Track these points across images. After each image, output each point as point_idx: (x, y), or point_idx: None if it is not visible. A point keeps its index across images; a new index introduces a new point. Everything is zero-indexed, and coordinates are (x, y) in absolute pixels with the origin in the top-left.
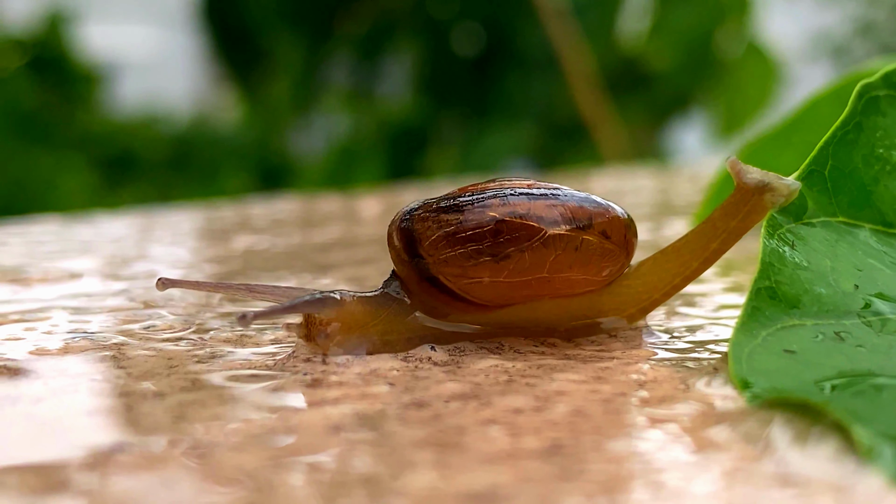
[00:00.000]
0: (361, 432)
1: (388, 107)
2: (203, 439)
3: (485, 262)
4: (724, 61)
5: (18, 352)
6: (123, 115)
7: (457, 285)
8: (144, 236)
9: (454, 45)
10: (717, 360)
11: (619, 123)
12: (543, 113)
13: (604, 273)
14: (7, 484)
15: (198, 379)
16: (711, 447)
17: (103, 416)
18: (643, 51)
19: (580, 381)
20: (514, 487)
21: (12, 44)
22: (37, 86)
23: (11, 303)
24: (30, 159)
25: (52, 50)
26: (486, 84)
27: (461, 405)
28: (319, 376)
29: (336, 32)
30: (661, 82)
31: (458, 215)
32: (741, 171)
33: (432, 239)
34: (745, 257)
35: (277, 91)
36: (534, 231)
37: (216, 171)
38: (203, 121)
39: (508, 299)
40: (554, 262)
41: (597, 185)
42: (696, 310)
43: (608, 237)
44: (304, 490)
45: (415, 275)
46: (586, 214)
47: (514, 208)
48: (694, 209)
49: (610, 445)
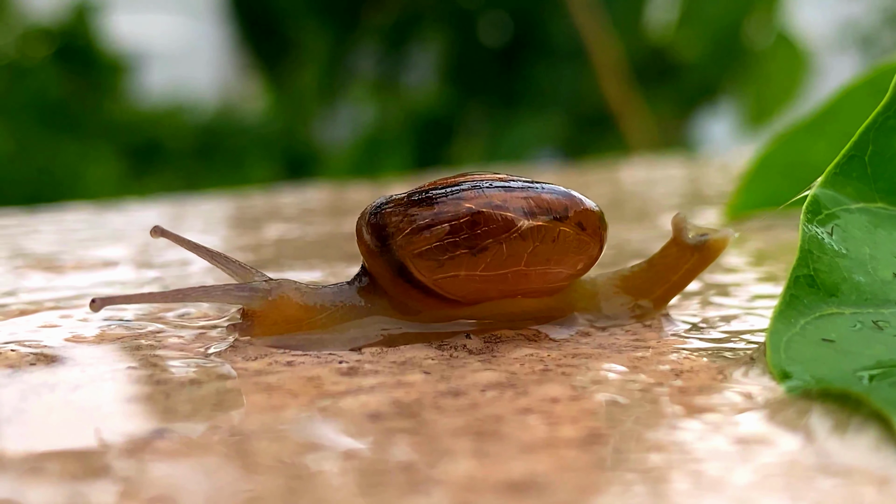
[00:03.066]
0: (399, 420)
1: (414, 97)
2: (240, 427)
3: (461, 254)
4: (753, 51)
5: (55, 339)
6: (150, 104)
7: (431, 280)
8: (176, 224)
9: (481, 34)
10: (753, 349)
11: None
12: (571, 103)
13: (578, 266)
14: (48, 470)
15: (234, 367)
16: (751, 437)
17: (141, 404)
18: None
19: (616, 371)
20: (553, 476)
21: (40, 33)
22: (64, 75)
23: (46, 290)
24: (57, 148)
25: (79, 39)
26: (513, 74)
27: (497, 394)
28: (355, 364)
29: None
30: (690, 72)
31: (433, 208)
32: (683, 231)
33: (406, 232)
34: (778, 246)
35: (304, 80)
36: (511, 222)
37: (242, 161)
38: (229, 110)
39: (482, 294)
40: (532, 254)
41: (626, 174)
42: (731, 299)
43: (584, 228)
44: (343, 478)
45: (387, 270)
46: (562, 206)
47: (491, 199)
48: (725, 199)
49: (649, 435)
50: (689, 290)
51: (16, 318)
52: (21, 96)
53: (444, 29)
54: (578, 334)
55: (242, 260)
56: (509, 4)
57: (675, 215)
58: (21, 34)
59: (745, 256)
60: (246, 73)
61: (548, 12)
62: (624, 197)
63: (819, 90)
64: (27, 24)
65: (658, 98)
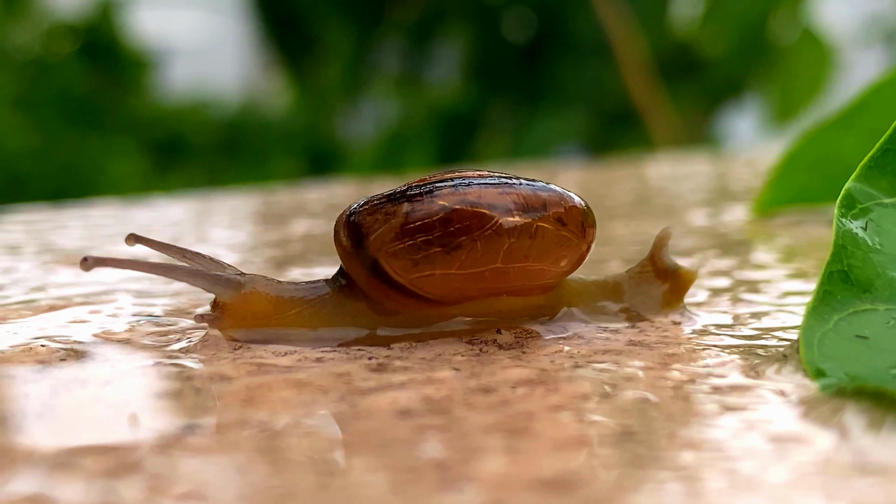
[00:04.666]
0: (429, 417)
1: (438, 93)
2: (270, 423)
3: (435, 253)
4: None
5: (84, 335)
6: (174, 100)
7: (407, 279)
8: (202, 220)
9: (505, 30)
10: (785, 346)
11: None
12: (595, 99)
13: (562, 263)
14: (81, 465)
15: (263, 363)
16: (786, 435)
17: (171, 399)
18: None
19: (647, 368)
20: (587, 474)
21: (65, 30)
22: (88, 71)
23: (75, 286)
24: (81, 144)
25: (103, 35)
26: (537, 70)
27: (528, 391)
28: (384, 360)
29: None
30: (715, 68)
31: (406, 206)
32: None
33: (379, 232)
34: (808, 243)
35: (327, 76)
36: (486, 219)
37: (265, 156)
38: (252, 106)
39: (463, 294)
40: (508, 251)
41: (651, 170)
42: (761, 296)
43: (564, 224)
44: (374, 475)
45: (363, 270)
46: (540, 201)
47: (465, 196)
48: (753, 195)
49: (682, 433)
50: (719, 286)
51: (45, 314)
52: (46, 92)
53: (468, 25)
54: (609, 331)
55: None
56: (533, 0)
57: (662, 229)
58: (46, 31)
59: (775, 253)
60: (269, 69)
61: (572, 8)
62: (650, 193)
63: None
64: (52, 21)
65: (682, 94)
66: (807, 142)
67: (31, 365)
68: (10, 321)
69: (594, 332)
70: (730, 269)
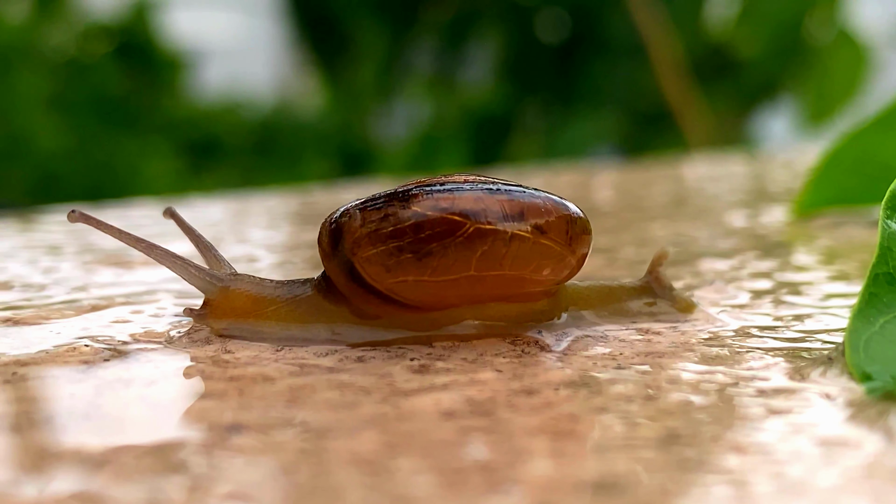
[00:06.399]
0: (473, 419)
1: (471, 93)
2: (314, 423)
3: (407, 259)
4: (814, 48)
5: (127, 334)
6: (207, 100)
7: (383, 285)
8: (240, 220)
9: (539, 31)
10: (830, 349)
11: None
12: (629, 100)
13: (544, 272)
14: (127, 464)
15: (305, 363)
16: (833, 439)
17: (215, 399)
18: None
19: (691, 370)
20: (633, 477)
21: (100, 31)
22: (123, 72)
23: (117, 286)
24: (116, 144)
25: (138, 36)
26: (571, 71)
27: (571, 392)
28: (426, 362)
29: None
30: (749, 69)
31: (381, 212)
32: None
33: (355, 237)
34: (849, 245)
35: (361, 77)
36: (457, 226)
37: (299, 157)
38: (286, 106)
39: (441, 300)
40: (481, 258)
41: (688, 171)
42: (803, 298)
43: (544, 232)
44: (421, 476)
45: (342, 275)
46: (517, 208)
47: (437, 202)
48: (792, 196)
49: (728, 436)
50: (761, 288)
51: (88, 314)
52: (81, 93)
53: (502, 25)
54: (650, 332)
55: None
56: (567, 1)
57: (660, 248)
58: (81, 32)
59: (816, 254)
60: (303, 70)
61: (606, 8)
62: (687, 194)
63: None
64: (87, 22)
65: (717, 95)
66: (847, 143)
67: (75, 365)
68: (53, 321)
69: (635, 334)
70: (771, 270)
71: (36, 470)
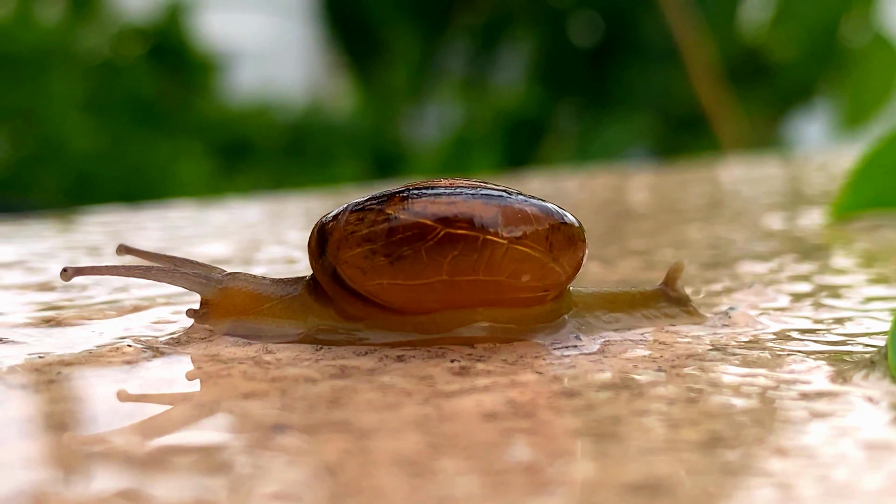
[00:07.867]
0: (515, 420)
1: (503, 96)
2: (357, 424)
3: (380, 263)
4: (849, 51)
5: (169, 335)
6: (240, 102)
7: (362, 288)
8: (277, 221)
9: (572, 34)
10: (872, 352)
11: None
12: (663, 103)
13: (523, 278)
14: (175, 464)
15: (346, 365)
16: (878, 442)
17: (258, 400)
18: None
19: (732, 373)
20: (676, 479)
21: (133, 33)
22: (156, 74)
23: (157, 286)
24: (149, 146)
25: (171, 39)
26: (605, 74)
27: (613, 395)
28: (466, 363)
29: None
30: (784, 72)
31: (360, 214)
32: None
33: (335, 239)
34: (887, 248)
35: (393, 80)
36: (427, 230)
37: (330, 159)
38: (318, 108)
39: (420, 305)
40: (452, 263)
41: (723, 174)
42: (843, 301)
43: (519, 238)
44: (464, 477)
45: (325, 276)
46: (491, 213)
47: (412, 206)
48: (829, 199)
49: (771, 439)
50: (800, 291)
51: (130, 314)
52: (115, 95)
53: (535, 29)
54: (689, 336)
55: None
56: (601, 4)
57: (676, 262)
58: (115, 34)
59: (854, 258)
60: (335, 72)
61: (640, 12)
62: (723, 197)
63: None
64: (121, 24)
65: (751, 98)
66: (885, 145)
67: (119, 365)
68: (96, 321)
69: (675, 337)
70: (810, 273)
71: (81, 469)
